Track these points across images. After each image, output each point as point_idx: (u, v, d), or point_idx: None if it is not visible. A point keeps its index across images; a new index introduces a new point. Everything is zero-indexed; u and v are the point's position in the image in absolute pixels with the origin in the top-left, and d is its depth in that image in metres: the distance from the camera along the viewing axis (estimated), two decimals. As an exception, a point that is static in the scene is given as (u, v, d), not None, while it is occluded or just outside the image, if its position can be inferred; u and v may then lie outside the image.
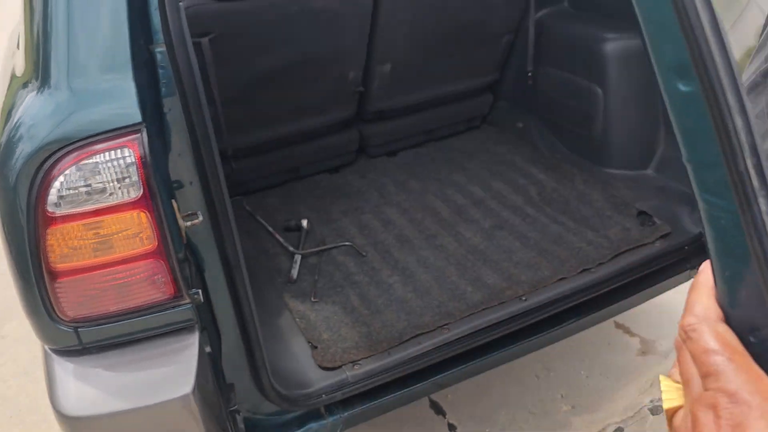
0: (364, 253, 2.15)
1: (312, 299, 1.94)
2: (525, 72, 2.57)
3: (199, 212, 1.18)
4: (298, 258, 2.13)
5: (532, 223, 2.23)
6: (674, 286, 2.12)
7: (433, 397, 2.54)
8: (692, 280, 1.88)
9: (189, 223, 1.15)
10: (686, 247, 2.05)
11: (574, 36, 2.45)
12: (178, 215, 1.13)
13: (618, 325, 2.87)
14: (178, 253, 1.12)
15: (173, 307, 1.14)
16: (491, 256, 2.09)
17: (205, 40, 1.96)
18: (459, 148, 2.78)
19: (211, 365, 1.27)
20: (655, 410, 2.47)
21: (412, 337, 1.75)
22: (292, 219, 2.34)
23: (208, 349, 1.26)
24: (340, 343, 1.76)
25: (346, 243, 2.20)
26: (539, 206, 2.32)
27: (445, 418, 2.48)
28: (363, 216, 2.37)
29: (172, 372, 1.12)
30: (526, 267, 2.01)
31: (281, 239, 2.24)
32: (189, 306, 1.16)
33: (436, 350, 1.73)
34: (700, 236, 2.06)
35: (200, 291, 1.18)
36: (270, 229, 2.30)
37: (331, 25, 2.16)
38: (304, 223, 2.30)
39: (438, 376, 1.74)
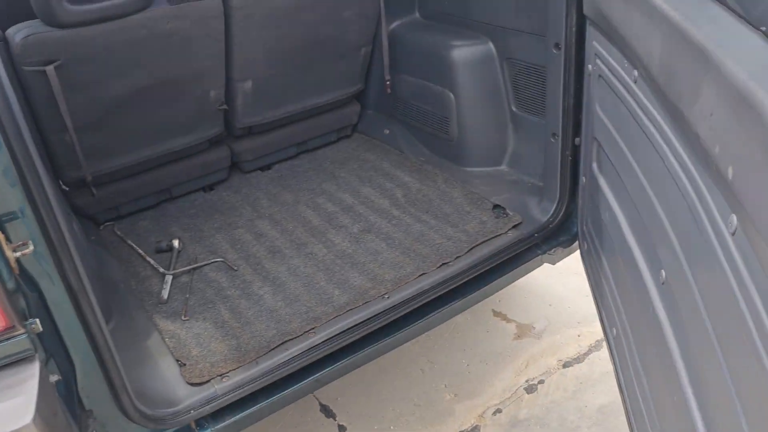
0: (235, 268, 2.18)
1: (183, 318, 1.96)
2: (384, 81, 2.70)
3: (30, 242, 1.19)
4: (169, 278, 2.14)
5: (398, 225, 2.34)
6: (529, 271, 2.29)
7: (323, 400, 2.60)
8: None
9: (19, 254, 1.16)
10: (536, 235, 2.22)
11: (426, 45, 2.60)
12: (5, 247, 1.14)
13: (496, 313, 3.05)
14: (7, 284, 1.13)
15: (7, 339, 1.14)
16: (359, 259, 2.18)
17: (50, 68, 1.94)
18: (331, 157, 2.87)
19: (60, 393, 1.28)
20: (530, 389, 2.65)
21: (280, 344, 1.81)
22: (163, 240, 2.34)
23: (55, 377, 1.27)
24: (210, 358, 1.79)
25: (218, 259, 2.23)
26: (404, 208, 2.44)
27: (335, 420, 2.55)
28: (236, 231, 2.40)
29: (11, 404, 1.12)
30: (390, 266, 2.12)
31: (152, 261, 2.24)
32: (25, 336, 1.16)
33: (304, 354, 1.79)
34: (549, 224, 2.24)
35: (38, 320, 1.19)
36: (140, 252, 2.29)
37: (183, 47, 2.19)
38: (176, 243, 2.31)
39: (309, 379, 1.80)
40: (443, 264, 2.10)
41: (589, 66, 1.90)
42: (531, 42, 2.21)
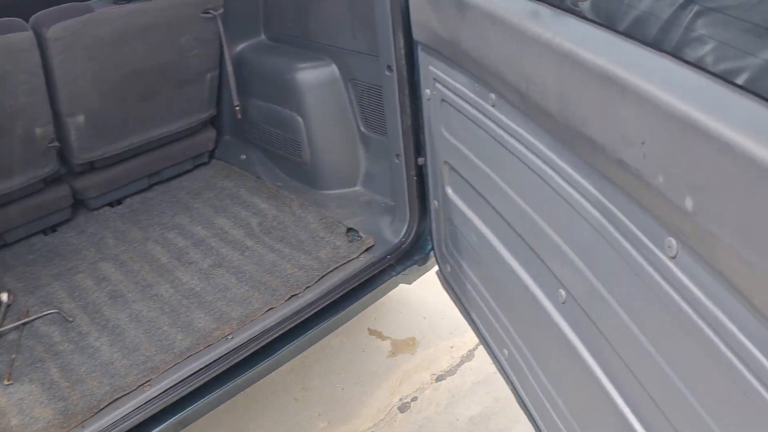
0: (71, 318, 2.03)
1: (4, 383, 1.80)
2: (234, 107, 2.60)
3: None
4: (-6, 338, 1.96)
5: (251, 256, 2.27)
6: (385, 293, 2.28)
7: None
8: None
9: None
10: (389, 256, 2.21)
11: (272, 68, 2.54)
12: None
13: (371, 331, 3.03)
14: None
15: None
16: (206, 298, 2.09)
17: None
18: (187, 187, 2.75)
19: None
20: (403, 407, 2.64)
21: (111, 403, 1.69)
22: (-9, 294, 2.15)
23: None
24: (31, 426, 1.64)
25: (52, 311, 2.07)
26: (259, 237, 2.37)
27: (205, 464, 2.43)
28: (76, 276, 2.24)
29: None
30: (239, 303, 2.04)
31: (-24, 319, 2.05)
32: None
33: (138, 410, 1.68)
34: (401, 245, 2.23)
35: None
36: (-36, 310, 2.09)
37: (-6, 84, 2.01)
38: (4, 296, 2.12)
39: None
40: (292, 296, 2.04)
41: (428, 91, 1.90)
42: (369, 63, 2.20)
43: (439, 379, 2.74)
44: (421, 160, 2.11)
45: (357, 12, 2.15)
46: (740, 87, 0.89)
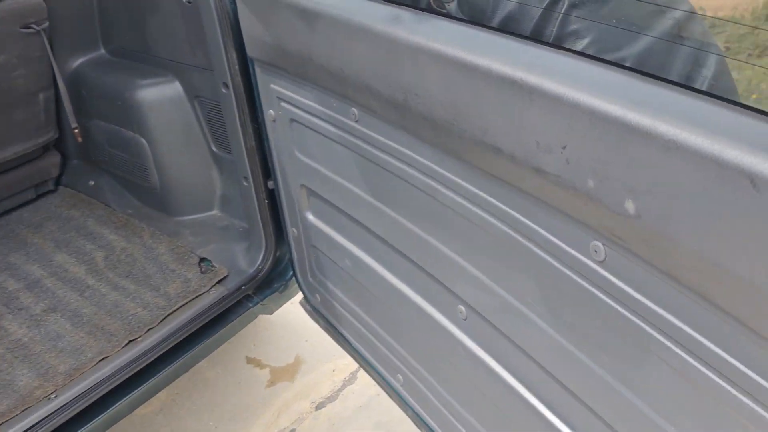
0: None
1: None
2: (80, 127, 2.36)
3: None
4: None
5: (91, 297, 2.04)
6: (243, 326, 2.12)
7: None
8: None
9: None
10: (244, 287, 2.04)
11: (111, 85, 2.31)
12: None
13: (249, 360, 2.85)
14: None
15: None
16: (34, 349, 1.85)
17: None
18: (27, 219, 2.48)
19: None
20: (281, 442, 2.48)
21: None
22: None
23: None
24: None
25: None
26: (103, 273, 2.15)
27: None
28: None
29: None
30: (70, 353, 1.82)
31: None
32: None
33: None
34: (257, 274, 2.07)
35: None
36: None
37: None
38: None
39: None
40: (130, 341, 1.84)
41: (271, 111, 1.75)
42: (210, 79, 2.02)
43: (319, 407, 2.60)
44: (271, 184, 1.96)
45: (190, 25, 1.97)
46: (660, 78, 0.86)
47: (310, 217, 1.85)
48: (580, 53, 0.97)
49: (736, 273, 0.74)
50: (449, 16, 1.19)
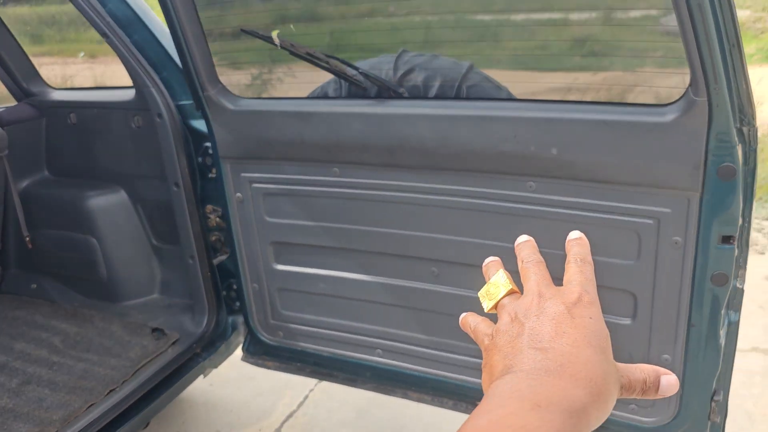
0: None
1: None
2: (24, 238, 2.78)
3: None
4: None
5: (60, 369, 2.41)
6: (195, 379, 2.57)
7: None
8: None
9: None
10: (194, 345, 2.53)
11: (61, 198, 2.80)
12: None
13: (180, 435, 3.18)
14: None
15: None
16: (22, 410, 2.19)
17: None
18: (-26, 324, 2.77)
19: None
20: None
21: None
22: None
23: None
24: None
25: None
26: (65, 352, 2.52)
27: None
28: None
29: None
30: (58, 407, 2.19)
31: None
32: None
33: None
34: (204, 334, 2.57)
35: None
36: None
37: None
38: None
39: None
40: (111, 391, 2.25)
41: (239, 194, 2.32)
42: (157, 184, 2.61)
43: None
44: (219, 259, 2.52)
45: (138, 144, 2.58)
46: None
47: (278, 267, 2.40)
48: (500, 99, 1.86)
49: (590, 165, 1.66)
50: (406, 96, 1.98)
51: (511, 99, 1.87)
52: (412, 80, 1.98)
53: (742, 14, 15.38)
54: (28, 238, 2.75)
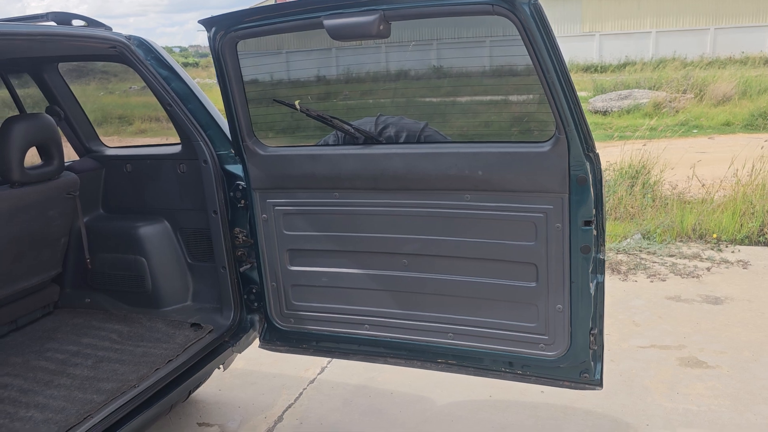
0: (-2, 407, 2.71)
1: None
2: (84, 260, 3.58)
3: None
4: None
5: (123, 352, 3.17)
6: (225, 360, 3.36)
7: None
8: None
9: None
10: (224, 334, 3.34)
11: (116, 229, 3.63)
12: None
13: (200, 424, 3.90)
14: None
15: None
16: (102, 376, 2.94)
17: None
18: (41, 329, 3.51)
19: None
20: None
21: None
22: None
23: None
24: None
25: (-22, 406, 2.72)
26: (123, 342, 3.29)
27: None
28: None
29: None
30: (131, 373, 2.95)
31: None
32: None
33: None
34: (232, 325, 3.39)
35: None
36: None
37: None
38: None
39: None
40: (170, 360, 3.03)
41: (264, 215, 3.20)
42: (194, 214, 3.48)
43: (261, 437, 3.74)
44: (244, 268, 3.37)
45: (182, 184, 3.47)
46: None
47: (292, 267, 3.24)
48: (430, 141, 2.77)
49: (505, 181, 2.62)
50: (383, 142, 2.91)
51: (452, 142, 2.85)
52: (388, 132, 2.96)
53: (659, 95, 17.37)
54: (88, 260, 3.55)
